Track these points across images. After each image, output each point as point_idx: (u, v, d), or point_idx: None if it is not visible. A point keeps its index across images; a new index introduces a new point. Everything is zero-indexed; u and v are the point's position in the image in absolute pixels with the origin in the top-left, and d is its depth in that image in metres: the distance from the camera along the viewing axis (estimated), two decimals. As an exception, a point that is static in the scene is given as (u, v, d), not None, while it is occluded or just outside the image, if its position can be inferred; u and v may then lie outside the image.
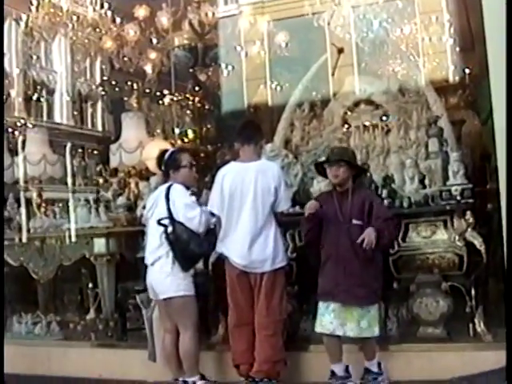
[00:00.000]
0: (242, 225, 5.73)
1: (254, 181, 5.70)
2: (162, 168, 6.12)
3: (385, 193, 6.56)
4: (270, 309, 5.67)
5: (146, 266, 6.00)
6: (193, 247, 5.65)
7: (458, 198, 6.22)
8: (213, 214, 5.85)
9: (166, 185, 5.91)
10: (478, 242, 5.97)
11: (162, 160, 6.09)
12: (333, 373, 5.47)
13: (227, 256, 5.83)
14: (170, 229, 5.66)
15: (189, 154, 6.21)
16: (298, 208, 6.33)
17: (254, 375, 5.62)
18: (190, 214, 5.70)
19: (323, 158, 5.88)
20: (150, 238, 5.99)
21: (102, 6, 11.79)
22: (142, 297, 6.45)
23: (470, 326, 5.93)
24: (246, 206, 5.73)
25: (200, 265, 6.08)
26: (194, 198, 5.89)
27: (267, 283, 5.67)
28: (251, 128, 6.31)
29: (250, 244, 5.67)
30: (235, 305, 5.83)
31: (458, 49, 10.36)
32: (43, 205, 9.18)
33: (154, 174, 8.44)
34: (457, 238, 6.11)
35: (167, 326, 5.93)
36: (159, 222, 5.71)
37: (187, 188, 5.90)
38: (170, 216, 5.69)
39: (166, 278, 5.72)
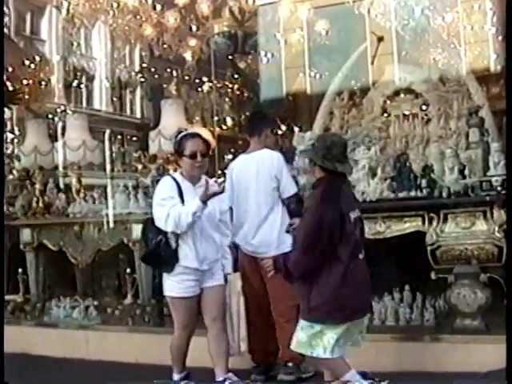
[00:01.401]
0: (248, 213, 5.83)
1: (255, 170, 5.78)
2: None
3: (424, 182, 6.51)
4: (280, 295, 5.67)
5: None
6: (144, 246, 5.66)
7: (499, 188, 6.15)
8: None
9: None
10: (518, 234, 5.90)
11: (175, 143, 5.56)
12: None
13: (238, 244, 5.93)
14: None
15: (204, 142, 5.45)
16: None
17: (281, 360, 5.76)
18: (158, 213, 5.34)
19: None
20: None
21: (142, -7, 11.85)
22: None
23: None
24: (250, 195, 5.83)
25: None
26: (171, 194, 5.31)
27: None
28: (255, 119, 6.41)
29: (255, 230, 5.77)
30: (248, 292, 5.85)
31: (500, 38, 10.21)
32: (82, 190, 9.24)
33: (193, 161, 8.47)
34: (496, 229, 6.06)
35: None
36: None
37: (198, 179, 5.41)
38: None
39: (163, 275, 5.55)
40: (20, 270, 8.55)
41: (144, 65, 14.75)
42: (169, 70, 12.00)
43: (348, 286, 4.54)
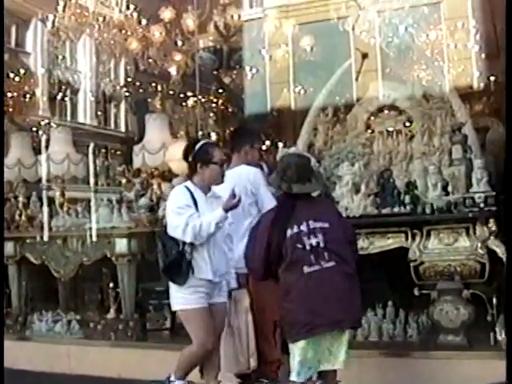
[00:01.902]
0: (233, 227, 5.69)
1: (232, 186, 5.71)
2: (189, 160, 5.44)
3: (407, 199, 6.54)
4: (260, 309, 5.66)
5: None
6: (159, 259, 5.36)
7: (481, 205, 6.19)
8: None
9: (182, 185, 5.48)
10: (500, 250, 5.94)
11: (191, 151, 5.44)
12: None
13: None
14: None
15: (220, 151, 5.55)
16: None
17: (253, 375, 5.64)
18: (175, 222, 5.19)
19: None
20: None
21: (127, 8, 11.86)
22: None
23: (491, 334, 5.90)
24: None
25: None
26: (187, 202, 5.22)
27: (252, 282, 5.63)
28: (235, 135, 6.57)
29: (235, 245, 5.62)
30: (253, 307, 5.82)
31: (483, 55, 10.31)
32: (66, 204, 9.21)
33: (177, 176, 8.49)
34: (479, 245, 6.09)
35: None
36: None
37: (209, 189, 5.41)
38: (165, 226, 5.37)
39: (171, 287, 5.29)
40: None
41: (129, 79, 14.73)
42: (154, 84, 11.99)
43: (295, 301, 4.61)
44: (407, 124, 7.50)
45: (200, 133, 10.66)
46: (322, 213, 4.80)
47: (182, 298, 5.19)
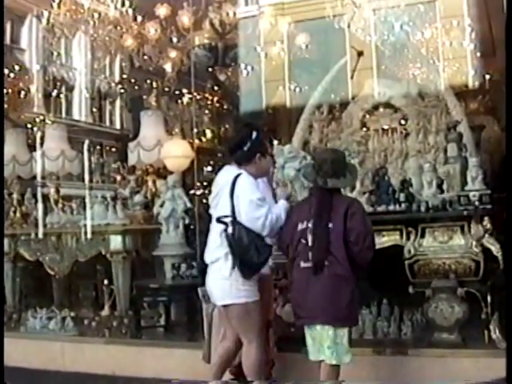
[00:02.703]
0: None
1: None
2: (245, 149, 5.17)
3: (402, 196, 6.55)
4: None
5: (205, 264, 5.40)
6: (252, 254, 4.94)
7: (476, 203, 6.21)
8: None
9: (235, 172, 5.14)
10: (495, 249, 5.96)
11: (247, 139, 5.19)
12: None
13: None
14: (230, 229, 4.97)
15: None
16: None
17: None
18: (255, 214, 4.98)
19: None
20: (211, 233, 5.27)
21: (123, 4, 11.81)
22: (203, 290, 5.66)
23: (485, 332, 5.91)
24: None
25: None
26: (262, 194, 5.11)
27: None
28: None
29: None
30: None
31: (478, 54, 10.30)
32: (60, 201, 9.21)
33: (172, 173, 8.49)
34: (474, 243, 6.11)
35: (226, 332, 5.39)
36: (219, 220, 5.05)
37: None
38: (233, 213, 5.01)
39: (223, 282, 5.04)
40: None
41: (124, 76, 14.68)
42: (149, 81, 11.97)
43: (292, 291, 5.15)
44: (402, 122, 7.50)
45: (195, 130, 10.62)
46: (335, 212, 4.90)
47: (246, 291, 5.02)
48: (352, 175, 5.24)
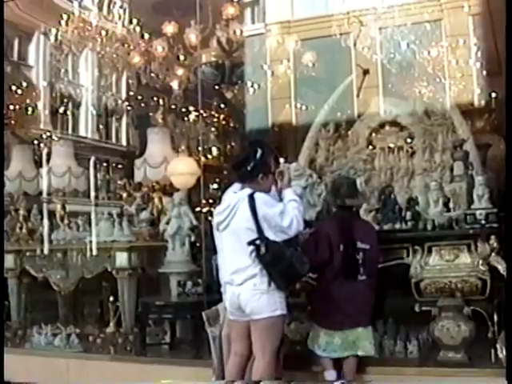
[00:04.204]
0: None
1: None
2: (248, 168, 5.17)
3: (408, 215, 6.54)
4: None
5: (219, 284, 5.47)
6: (296, 267, 5.00)
7: (483, 222, 6.18)
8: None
9: (245, 192, 5.14)
10: (501, 267, 5.92)
11: (251, 158, 5.19)
12: None
13: None
14: (262, 249, 4.96)
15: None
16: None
17: None
18: (285, 222, 5.03)
19: None
20: (230, 256, 5.23)
21: (130, 22, 11.91)
22: (208, 314, 5.88)
23: (492, 351, 5.88)
24: None
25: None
26: (278, 203, 5.15)
27: None
28: None
29: None
30: None
31: (484, 72, 10.32)
32: (66, 217, 9.22)
33: (178, 190, 8.50)
34: (480, 262, 6.07)
35: (238, 348, 5.34)
36: (251, 243, 4.99)
37: None
38: (260, 233, 4.99)
39: (260, 296, 5.01)
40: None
41: (131, 93, 14.75)
42: (155, 98, 11.99)
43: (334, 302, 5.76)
44: (409, 140, 7.50)
45: (201, 147, 10.65)
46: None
47: (281, 304, 5.09)
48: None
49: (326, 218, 6.31)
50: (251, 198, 5.04)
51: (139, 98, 13.66)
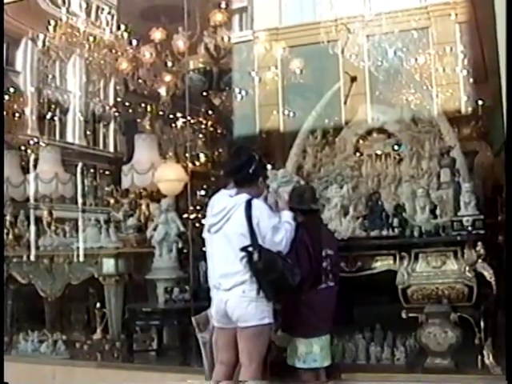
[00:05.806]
0: None
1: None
2: (249, 172, 5.14)
3: (395, 222, 6.56)
4: None
5: (206, 290, 5.44)
6: (286, 277, 4.98)
7: (469, 228, 6.20)
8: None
9: (243, 197, 5.09)
10: (488, 274, 5.94)
11: (251, 162, 5.16)
12: None
13: None
14: (255, 256, 4.92)
15: None
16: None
17: None
18: (277, 238, 5.07)
19: None
20: (220, 259, 5.17)
21: (118, 28, 11.89)
22: (198, 319, 5.77)
23: (479, 357, 5.90)
24: None
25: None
26: (277, 217, 5.22)
27: None
28: None
29: None
30: None
31: (471, 80, 10.38)
32: (53, 223, 9.20)
33: (165, 196, 8.49)
34: (467, 268, 6.08)
35: (224, 357, 5.29)
36: (244, 249, 4.95)
37: None
38: (254, 240, 4.95)
39: (249, 304, 4.98)
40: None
41: (118, 99, 14.71)
42: (143, 104, 11.99)
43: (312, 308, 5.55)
44: (396, 147, 7.53)
45: (189, 154, 10.64)
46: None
47: (268, 312, 5.06)
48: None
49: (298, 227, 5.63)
50: (248, 204, 5.01)
51: (127, 104, 13.64)
